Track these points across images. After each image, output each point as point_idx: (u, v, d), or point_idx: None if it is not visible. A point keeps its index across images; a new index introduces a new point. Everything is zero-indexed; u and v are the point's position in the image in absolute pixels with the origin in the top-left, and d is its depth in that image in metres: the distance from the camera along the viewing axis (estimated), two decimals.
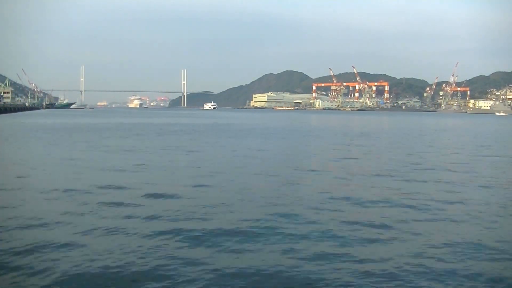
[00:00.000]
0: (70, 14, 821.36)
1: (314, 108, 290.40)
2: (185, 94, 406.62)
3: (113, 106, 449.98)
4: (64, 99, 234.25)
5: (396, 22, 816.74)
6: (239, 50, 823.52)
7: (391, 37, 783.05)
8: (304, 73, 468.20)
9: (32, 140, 33.38)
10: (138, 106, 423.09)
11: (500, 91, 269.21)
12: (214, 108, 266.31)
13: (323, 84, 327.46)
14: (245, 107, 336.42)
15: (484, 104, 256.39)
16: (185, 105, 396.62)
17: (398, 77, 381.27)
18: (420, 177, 17.11)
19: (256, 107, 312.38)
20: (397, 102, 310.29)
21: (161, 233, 9.32)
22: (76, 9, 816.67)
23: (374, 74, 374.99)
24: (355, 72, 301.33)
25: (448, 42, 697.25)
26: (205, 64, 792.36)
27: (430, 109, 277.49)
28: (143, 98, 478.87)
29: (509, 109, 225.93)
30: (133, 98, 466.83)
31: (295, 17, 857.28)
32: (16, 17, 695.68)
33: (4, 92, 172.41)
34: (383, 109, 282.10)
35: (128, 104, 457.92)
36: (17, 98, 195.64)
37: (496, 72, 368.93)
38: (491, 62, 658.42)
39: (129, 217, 10.63)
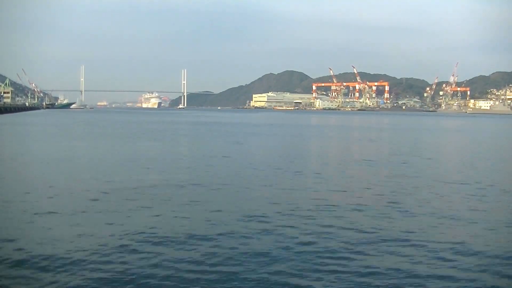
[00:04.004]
0: (70, 13, 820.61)
1: (314, 108, 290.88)
2: (185, 94, 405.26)
3: (113, 106, 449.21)
4: (64, 99, 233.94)
5: (395, 18, 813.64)
6: (238, 47, 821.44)
7: (391, 33, 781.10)
8: (304, 73, 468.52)
9: None
10: (156, 106, 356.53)
11: (500, 91, 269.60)
12: None
13: (323, 84, 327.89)
14: (245, 107, 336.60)
15: (484, 104, 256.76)
16: (185, 105, 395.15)
17: (398, 77, 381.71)
18: None
19: (256, 107, 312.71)
20: (397, 102, 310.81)
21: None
22: (76, 8, 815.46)
23: (374, 74, 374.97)
24: (355, 72, 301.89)
25: (447, 38, 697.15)
26: (205, 63, 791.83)
27: (430, 109, 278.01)
28: (163, 97, 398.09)
29: (509, 109, 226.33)
30: (148, 96, 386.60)
31: (294, 13, 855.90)
32: (16, 17, 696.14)
33: (4, 92, 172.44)
34: (383, 109, 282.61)
35: (141, 104, 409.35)
36: (17, 98, 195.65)
37: (496, 72, 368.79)
38: (491, 59, 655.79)
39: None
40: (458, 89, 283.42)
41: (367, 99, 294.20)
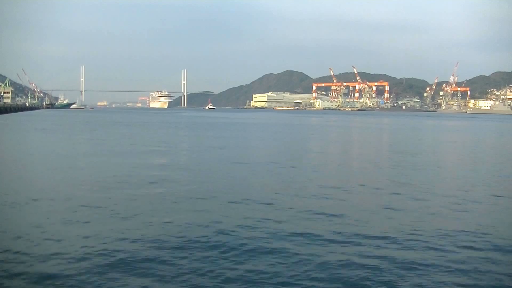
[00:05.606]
0: (70, 13, 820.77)
1: (314, 108, 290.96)
2: (185, 94, 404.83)
3: (113, 106, 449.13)
4: (64, 99, 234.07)
5: (396, 17, 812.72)
6: (238, 47, 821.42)
7: (391, 32, 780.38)
8: (304, 73, 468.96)
9: None
10: (166, 106, 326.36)
11: (500, 91, 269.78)
12: None
13: (323, 84, 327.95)
14: (245, 107, 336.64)
15: (484, 104, 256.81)
16: (185, 105, 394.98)
17: (398, 77, 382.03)
18: None
19: (256, 107, 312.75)
20: (397, 102, 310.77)
21: None
22: (76, 7, 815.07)
23: (374, 74, 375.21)
24: (355, 72, 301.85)
25: (448, 37, 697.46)
26: (205, 63, 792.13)
27: (430, 109, 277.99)
28: (172, 95, 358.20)
29: (509, 109, 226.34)
30: (157, 94, 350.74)
31: (294, 13, 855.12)
32: (16, 17, 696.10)
33: (4, 92, 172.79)
34: (383, 109, 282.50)
35: (141, 104, 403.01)
36: (17, 98, 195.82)
37: (496, 72, 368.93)
38: (492, 59, 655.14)
39: None
40: (458, 89, 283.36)
41: (367, 99, 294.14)
